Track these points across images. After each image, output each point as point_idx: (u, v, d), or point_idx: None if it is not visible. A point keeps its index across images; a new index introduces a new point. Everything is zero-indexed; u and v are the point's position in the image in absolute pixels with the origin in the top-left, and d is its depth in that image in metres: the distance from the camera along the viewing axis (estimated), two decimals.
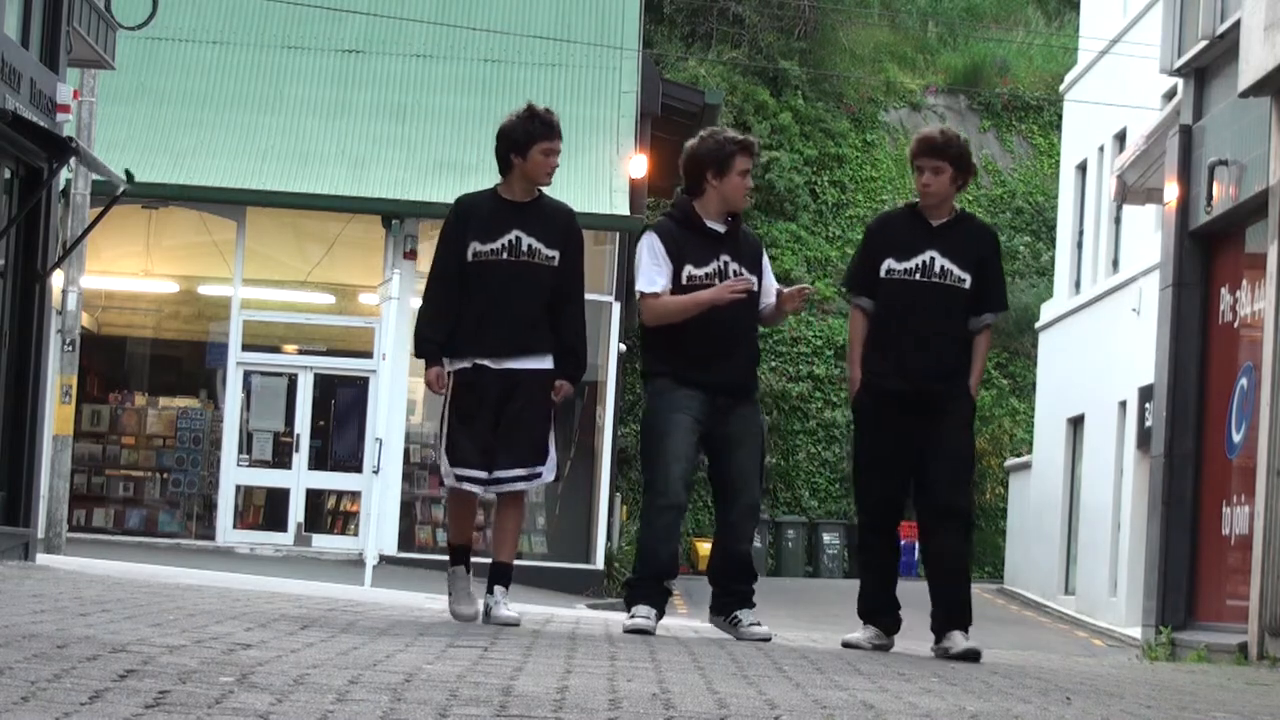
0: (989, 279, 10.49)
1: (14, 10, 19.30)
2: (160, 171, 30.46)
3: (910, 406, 10.28)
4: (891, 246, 10.43)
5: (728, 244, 10.43)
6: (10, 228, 19.27)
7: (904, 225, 10.58)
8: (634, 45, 35.21)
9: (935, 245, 10.38)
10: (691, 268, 10.33)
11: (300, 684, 6.23)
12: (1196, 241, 20.65)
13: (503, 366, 9.98)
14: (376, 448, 31.53)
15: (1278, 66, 15.87)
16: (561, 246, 10.09)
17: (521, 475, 9.98)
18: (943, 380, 10.33)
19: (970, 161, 10.60)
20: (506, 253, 10.01)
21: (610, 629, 10.59)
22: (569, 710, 6.08)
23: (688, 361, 10.30)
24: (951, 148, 10.51)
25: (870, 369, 10.39)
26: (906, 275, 10.34)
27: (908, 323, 10.33)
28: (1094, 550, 34.44)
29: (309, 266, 33.23)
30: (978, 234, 10.67)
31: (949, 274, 10.34)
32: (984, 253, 10.53)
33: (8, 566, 15.97)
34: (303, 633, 8.32)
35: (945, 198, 10.50)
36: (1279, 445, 16.16)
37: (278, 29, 34.30)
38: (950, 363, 10.37)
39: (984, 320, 10.52)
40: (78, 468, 30.41)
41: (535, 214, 10.11)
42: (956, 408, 10.37)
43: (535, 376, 10.01)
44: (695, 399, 10.26)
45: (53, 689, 5.62)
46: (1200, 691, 9.52)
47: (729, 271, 10.33)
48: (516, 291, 9.99)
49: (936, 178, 10.42)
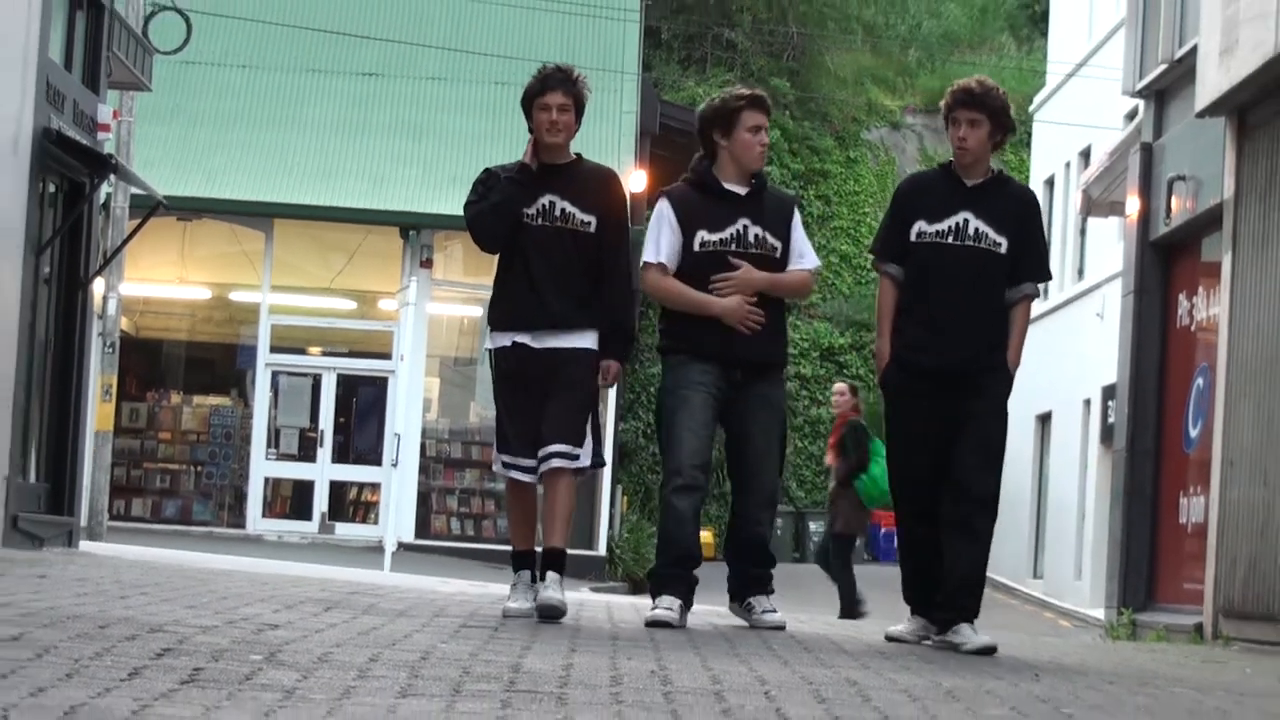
0: (1028, 245, 9.09)
1: (58, 36, 19.30)
2: (193, 186, 30.47)
3: (943, 383, 8.97)
4: (922, 208, 9.07)
5: (748, 206, 9.17)
6: (55, 239, 19.27)
7: (936, 186, 9.20)
8: (634, 69, 35.22)
9: (970, 207, 9.00)
10: (705, 232, 9.11)
11: (324, 662, 6.23)
12: (1156, 251, 20.67)
13: (544, 345, 8.83)
14: (395, 442, 31.53)
15: (1232, 88, 15.87)
16: (599, 212, 8.88)
17: (560, 453, 8.77)
18: (978, 355, 8.98)
19: (1010, 117, 9.21)
20: (541, 218, 8.86)
21: (612, 612, 10.56)
22: (573, 686, 6.08)
23: (704, 335, 9.06)
24: (991, 98, 9.12)
25: (900, 342, 9.07)
26: (938, 238, 8.98)
27: (940, 290, 8.97)
28: (1060, 538, 34.46)
29: (332, 274, 33.25)
30: (1017, 196, 9.25)
31: (984, 237, 8.96)
32: (1023, 216, 9.15)
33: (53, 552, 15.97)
34: (326, 614, 8.32)
35: (981, 155, 9.11)
36: (1232, 440, 16.16)
37: (302, 54, 34.30)
38: (986, 335, 9.00)
39: (1023, 290, 9.10)
40: (117, 461, 30.38)
41: (570, 177, 8.93)
42: (992, 386, 9.04)
43: (576, 356, 8.84)
44: (710, 374, 9.06)
45: (94, 666, 5.62)
46: (1159, 669, 9.52)
47: (749, 236, 9.11)
48: (553, 261, 8.83)
49: (974, 130, 9.06)
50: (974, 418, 8.95)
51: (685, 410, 9.04)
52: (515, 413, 8.87)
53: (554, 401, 8.79)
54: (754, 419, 9.12)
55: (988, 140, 9.10)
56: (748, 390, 9.11)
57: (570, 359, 8.84)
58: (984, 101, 9.09)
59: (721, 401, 9.09)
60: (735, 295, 9.03)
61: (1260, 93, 15.71)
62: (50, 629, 6.50)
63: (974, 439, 8.97)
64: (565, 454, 8.77)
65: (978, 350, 8.96)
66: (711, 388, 9.06)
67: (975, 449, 8.97)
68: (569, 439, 8.78)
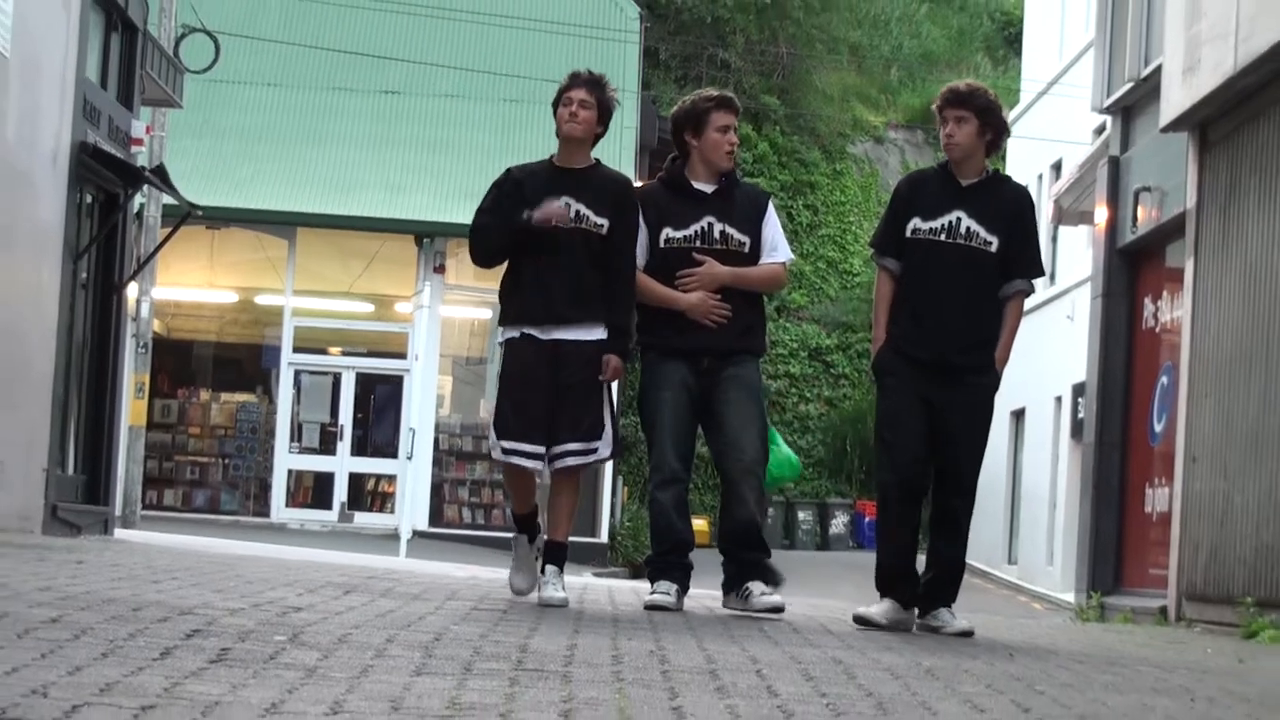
0: (1020, 244, 8.78)
1: (94, 56, 19.32)
2: (221, 196, 30.46)
3: (932, 375, 8.68)
4: (918, 206, 8.80)
5: (715, 204, 8.89)
6: (91, 246, 19.28)
7: (933, 184, 8.91)
8: (634, 87, 35.23)
9: (963, 205, 8.72)
10: (670, 229, 8.83)
11: (344, 642, 6.23)
12: (1123, 258, 20.68)
13: (550, 337, 8.54)
14: (410, 437, 31.58)
15: (1194, 105, 15.87)
16: (611, 215, 8.61)
17: (575, 450, 8.55)
18: (966, 351, 8.70)
19: (999, 116, 8.86)
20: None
21: (613, 595, 10.56)
22: (577, 665, 6.08)
23: (672, 331, 8.80)
24: (977, 97, 8.85)
25: (894, 332, 8.78)
26: (932, 235, 8.70)
27: (933, 286, 8.69)
28: (1033, 526, 34.47)
29: (351, 279, 33.26)
30: (1010, 196, 8.92)
31: (975, 236, 8.67)
32: (1016, 216, 8.83)
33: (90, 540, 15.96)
34: (346, 598, 8.32)
35: (970, 152, 8.81)
36: (1195, 435, 16.16)
37: (325, 73, 34.32)
38: (976, 331, 8.71)
39: (1014, 287, 8.78)
40: (150, 454, 30.41)
41: (587, 181, 8.65)
42: (979, 380, 8.73)
43: (583, 348, 8.56)
44: (681, 368, 8.78)
45: (128, 646, 5.62)
46: (1126, 649, 9.52)
47: (714, 233, 8.82)
48: (565, 259, 8.52)
49: (960, 128, 8.78)
50: (959, 413, 8.70)
51: (661, 410, 8.82)
52: (520, 401, 8.52)
53: (569, 398, 8.53)
54: (726, 398, 8.80)
55: (976, 138, 8.80)
56: (718, 375, 8.81)
57: (580, 353, 8.55)
58: (969, 100, 8.84)
59: (695, 392, 8.81)
60: (699, 290, 8.77)
61: (1220, 109, 15.72)
62: (87, 611, 6.50)
63: (959, 433, 8.71)
64: (581, 451, 8.57)
65: (965, 345, 8.70)
66: (684, 382, 8.80)
67: (960, 442, 8.72)
68: (587, 435, 8.56)
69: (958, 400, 8.67)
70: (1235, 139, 15.65)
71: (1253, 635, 12.54)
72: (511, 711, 4.88)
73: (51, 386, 17.57)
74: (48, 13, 16.91)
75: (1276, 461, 13.95)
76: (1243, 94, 15.12)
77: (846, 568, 34.59)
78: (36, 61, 16.61)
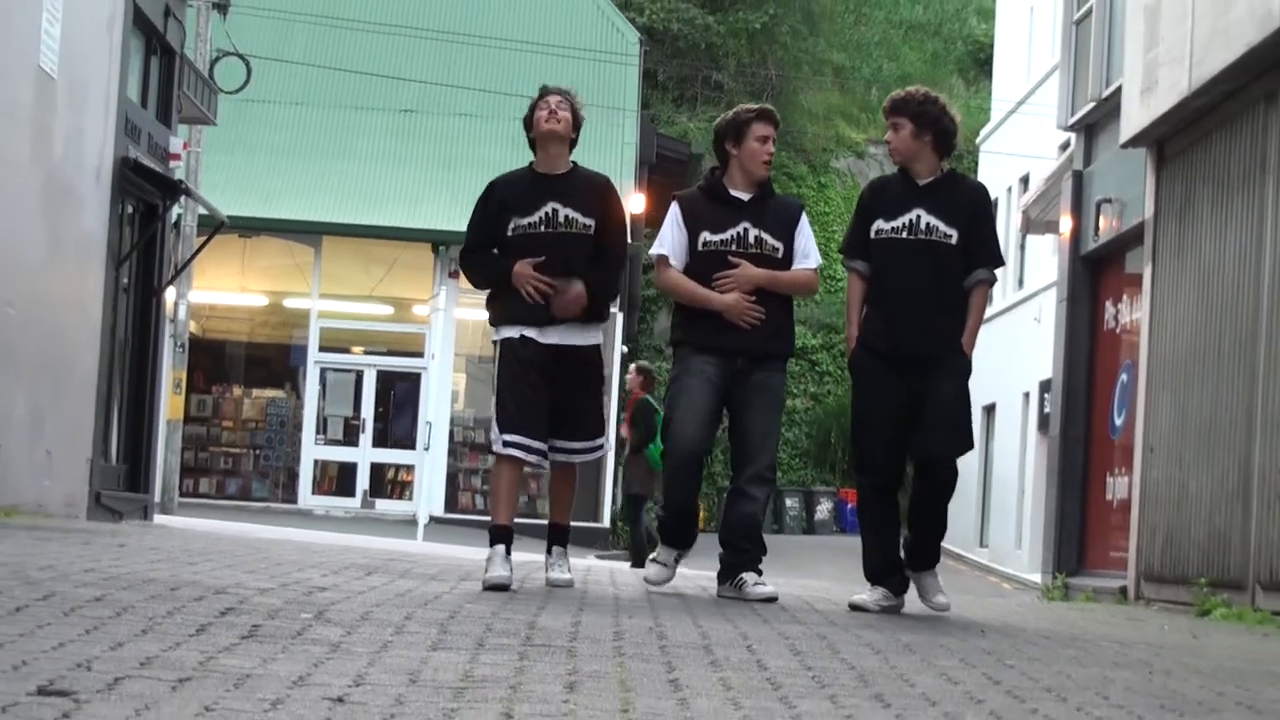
0: (978, 236, 8.55)
1: (135, 78, 19.33)
2: (252, 207, 30.47)
3: (903, 365, 8.44)
4: (880, 208, 8.58)
5: (750, 211, 8.67)
6: (132, 253, 19.28)
7: (893, 187, 8.67)
8: (634, 106, 35.26)
9: (921, 203, 8.48)
10: (708, 234, 8.61)
11: (365, 620, 6.23)
12: (1086, 264, 20.67)
13: (549, 341, 8.26)
14: (427, 429, 31.59)
15: (1152, 123, 15.87)
16: (599, 215, 8.37)
17: (579, 449, 8.41)
18: (935, 338, 8.44)
19: (935, 118, 8.57)
20: (544, 225, 8.31)
21: (615, 577, 10.56)
22: (581, 641, 6.08)
23: (706, 329, 8.57)
24: (909, 104, 8.61)
25: (866, 329, 8.55)
26: (894, 234, 8.47)
27: (898, 281, 8.47)
28: (1003, 512, 34.47)
29: (373, 284, 33.26)
30: (966, 191, 8.68)
31: (935, 230, 8.43)
32: (972, 209, 8.59)
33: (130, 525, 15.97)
34: (367, 578, 8.32)
35: (912, 154, 8.58)
36: (1152, 428, 16.16)
37: (348, 93, 34.32)
38: (942, 320, 8.47)
39: (977, 277, 8.54)
40: (186, 445, 30.42)
41: (570, 184, 8.43)
42: (950, 365, 8.46)
43: (584, 353, 8.36)
44: (712, 363, 8.56)
45: (167, 623, 5.62)
46: (1089, 625, 9.52)
47: (749, 238, 8.61)
48: (558, 263, 8.24)
49: (896, 134, 8.58)
50: (934, 397, 8.43)
51: (686, 396, 8.58)
52: (522, 398, 8.21)
53: (572, 401, 8.32)
54: (753, 405, 8.60)
55: (913, 140, 8.53)
56: (748, 378, 8.59)
57: (581, 358, 8.35)
58: (903, 106, 8.60)
59: (723, 388, 8.59)
60: (735, 292, 8.56)
61: (1176, 127, 15.71)
62: (128, 591, 6.50)
63: (935, 417, 8.44)
64: (586, 450, 8.43)
65: (933, 335, 8.43)
66: (713, 376, 8.57)
67: (937, 426, 8.44)
68: (590, 434, 8.42)
69: (933, 386, 8.43)
70: (1189, 154, 15.65)
71: (1206, 613, 12.54)
72: (521, 684, 4.88)
73: (96, 383, 17.58)
74: (92, 38, 16.91)
75: (1228, 452, 13.95)
76: (1196, 113, 15.12)
77: (831, 550, 34.60)
78: (82, 83, 16.62)
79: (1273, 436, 13.02)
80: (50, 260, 16.05)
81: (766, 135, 8.73)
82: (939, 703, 5.13)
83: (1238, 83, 14.09)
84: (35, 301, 15.49)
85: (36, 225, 15.61)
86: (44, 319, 15.80)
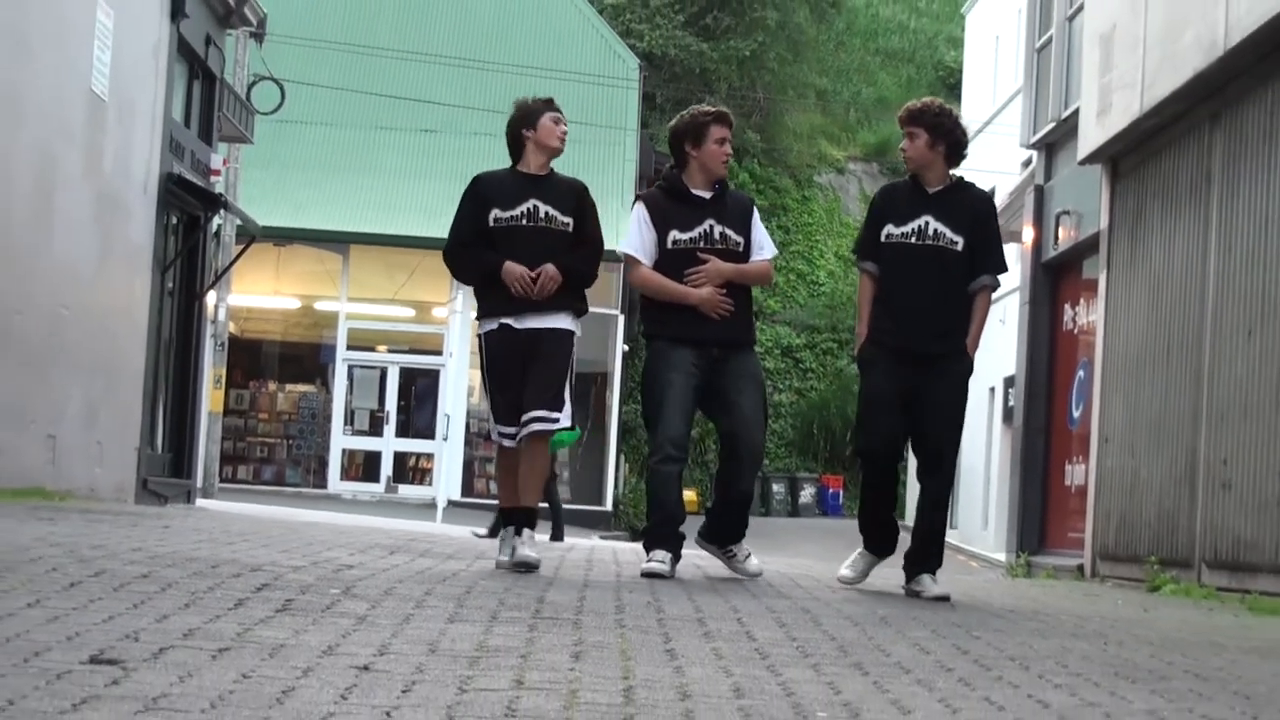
0: (983, 242, 8.30)
1: (179, 100, 19.34)
2: (286, 218, 30.50)
3: (910, 362, 8.19)
4: (891, 213, 8.31)
5: (712, 208, 8.39)
6: (176, 260, 19.29)
7: (903, 193, 8.41)
8: (634, 126, 35.27)
9: (930, 210, 8.24)
10: (676, 232, 8.33)
11: (389, 594, 6.22)
12: (1047, 271, 20.67)
13: (525, 326, 7.98)
14: (445, 421, 31.60)
15: (1107, 142, 15.87)
16: (576, 215, 8.11)
17: (540, 417, 7.90)
18: (939, 339, 8.21)
19: (949, 130, 8.36)
20: (526, 218, 8.04)
21: (617, 555, 10.56)
22: (586, 614, 6.08)
23: (680, 322, 8.27)
24: (925, 114, 8.37)
25: (875, 326, 8.31)
26: (903, 239, 8.22)
27: (906, 284, 8.22)
28: (971, 496, 34.47)
29: (396, 288, 33.26)
30: (973, 199, 8.41)
31: (942, 236, 8.20)
32: (978, 217, 8.35)
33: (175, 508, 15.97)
34: (391, 557, 8.32)
35: (926, 162, 8.33)
36: (1107, 420, 16.16)
37: (373, 114, 34.32)
38: (947, 322, 8.23)
39: (981, 282, 8.28)
40: (226, 436, 30.41)
41: (550, 186, 8.15)
42: (953, 366, 8.28)
43: (556, 335, 8.01)
44: (689, 355, 8.24)
45: (208, 598, 5.62)
46: (1049, 600, 9.52)
47: (715, 234, 8.33)
48: (537, 253, 7.97)
49: (911, 143, 8.32)
50: (936, 395, 8.22)
51: (669, 392, 8.22)
52: (504, 388, 7.98)
53: (534, 373, 7.95)
54: (738, 389, 8.29)
55: (928, 150, 8.31)
56: (727, 365, 8.29)
57: (550, 337, 8.01)
58: (919, 116, 8.35)
59: (702, 379, 8.27)
60: (708, 286, 8.27)
61: (1129, 146, 15.72)
62: (172, 568, 6.50)
63: (936, 413, 8.24)
64: (544, 418, 7.90)
65: (938, 336, 8.21)
66: (691, 368, 8.25)
67: (937, 421, 8.24)
68: (548, 405, 7.90)
69: (934, 385, 8.23)
70: (1141, 171, 15.65)
71: (1156, 589, 12.54)
72: (531, 653, 4.87)
73: (143, 379, 17.59)
74: (140, 63, 16.91)
75: (1176, 442, 13.95)
76: (1147, 133, 15.12)
77: (813, 531, 34.62)
78: (130, 105, 16.62)
79: (1217, 428, 13.03)
80: (101, 267, 16.06)
81: (724, 137, 8.46)
82: (912, 670, 5.13)
83: (1185, 105, 14.09)
84: (88, 305, 15.50)
85: (89, 235, 15.62)
86: (96, 321, 15.80)
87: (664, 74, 47.57)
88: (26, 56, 13.46)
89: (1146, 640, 6.98)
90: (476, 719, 3.74)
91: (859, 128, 53.21)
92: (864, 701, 4.39)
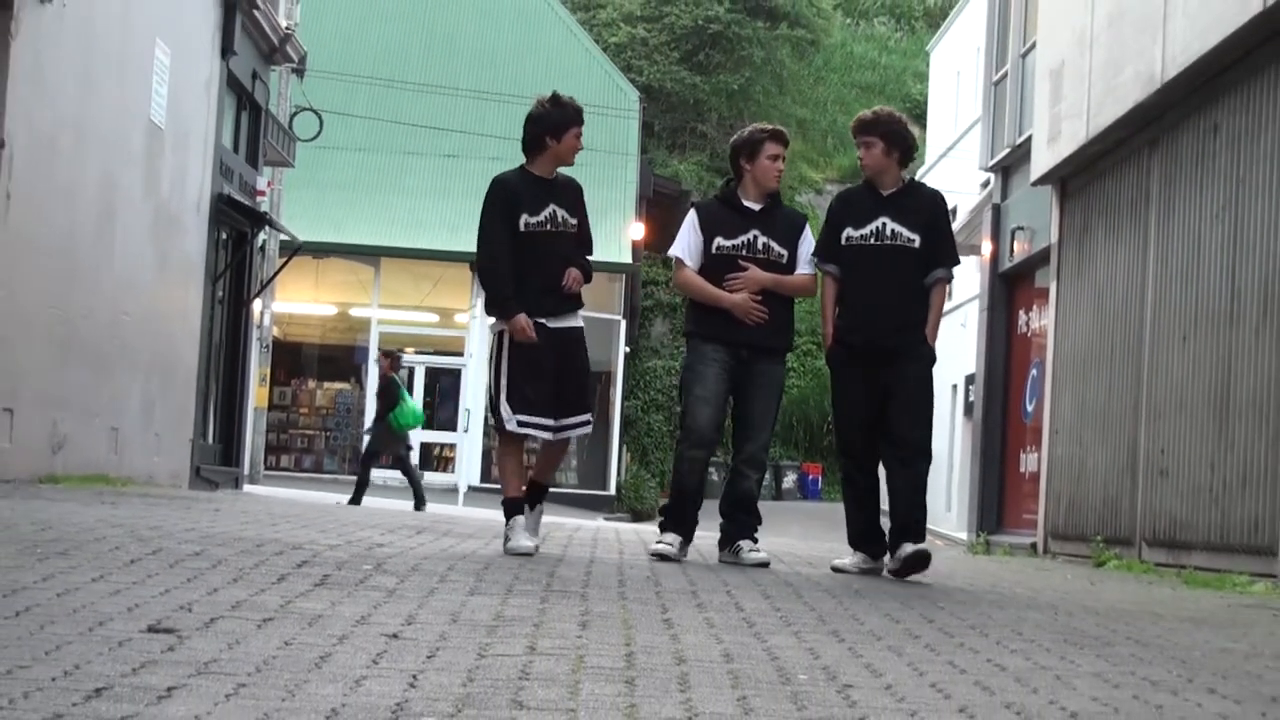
0: (937, 239, 8.01)
1: (228, 128, 19.33)
2: (324, 234, 30.47)
3: (874, 357, 7.90)
4: (849, 217, 8.01)
5: (760, 220, 8.10)
6: (225, 271, 19.28)
7: (859, 198, 8.11)
8: (634, 152, 35.22)
9: (886, 212, 7.95)
10: (721, 239, 8.04)
11: (416, 570, 6.22)
12: (1003, 280, 20.67)
13: (557, 325, 7.64)
14: (466, 415, 31.57)
15: (1056, 165, 15.87)
16: (579, 215, 7.84)
17: (578, 424, 7.65)
18: (900, 333, 7.91)
19: (902, 136, 8.11)
20: (549, 224, 7.69)
21: (620, 535, 10.55)
22: (592, 587, 6.07)
23: (715, 323, 7.98)
24: (879, 124, 8.13)
25: (839, 325, 8.00)
26: (862, 240, 7.93)
27: (867, 283, 7.92)
28: (935, 481, 34.41)
29: (422, 296, 33.25)
30: (925, 199, 8.13)
31: (899, 235, 7.90)
32: (931, 215, 8.05)
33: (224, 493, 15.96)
34: (417, 536, 8.31)
35: (882, 169, 8.06)
36: (1056, 413, 16.16)
37: (402, 141, 34.30)
38: (906, 316, 7.93)
39: (936, 275, 7.99)
40: (270, 428, 30.42)
41: (560, 189, 7.82)
42: (915, 356, 7.96)
43: (577, 335, 7.73)
44: (720, 352, 7.96)
45: (253, 573, 5.61)
46: (1006, 574, 9.51)
47: (757, 244, 8.04)
48: (558, 257, 7.66)
49: (869, 151, 8.07)
50: (901, 385, 7.90)
51: (701, 383, 7.95)
52: (536, 380, 7.55)
53: (568, 378, 7.64)
54: (755, 393, 8.02)
55: (884, 156, 8.04)
56: (751, 368, 7.99)
57: (576, 340, 7.71)
58: (874, 126, 8.10)
59: (731, 376, 8.00)
60: (743, 292, 7.98)
61: (1076, 169, 15.71)
62: (222, 547, 6.50)
63: (902, 401, 7.90)
64: (585, 423, 7.70)
65: (900, 329, 7.91)
66: (723, 364, 7.96)
67: (904, 409, 7.90)
68: (588, 409, 7.71)
69: (899, 376, 7.90)
70: (1087, 191, 15.65)
71: (1101, 565, 12.54)
72: (543, 622, 4.87)
73: (196, 378, 17.58)
74: (193, 95, 16.90)
75: (1119, 434, 13.95)
76: (1093, 157, 15.12)
77: (796, 514, 34.60)
78: (185, 132, 16.61)
79: (1155, 422, 13.03)
80: (159, 278, 16.05)
81: (777, 154, 8.19)
82: (883, 638, 5.12)
83: (1126, 133, 14.09)
84: (147, 312, 15.49)
85: (147, 249, 15.61)
86: (154, 326, 15.79)
87: (661, 105, 47.57)
88: (92, 91, 13.46)
89: (1093, 610, 6.97)
90: (494, 681, 3.74)
91: (835, 153, 53.21)
92: (840, 665, 4.39)
